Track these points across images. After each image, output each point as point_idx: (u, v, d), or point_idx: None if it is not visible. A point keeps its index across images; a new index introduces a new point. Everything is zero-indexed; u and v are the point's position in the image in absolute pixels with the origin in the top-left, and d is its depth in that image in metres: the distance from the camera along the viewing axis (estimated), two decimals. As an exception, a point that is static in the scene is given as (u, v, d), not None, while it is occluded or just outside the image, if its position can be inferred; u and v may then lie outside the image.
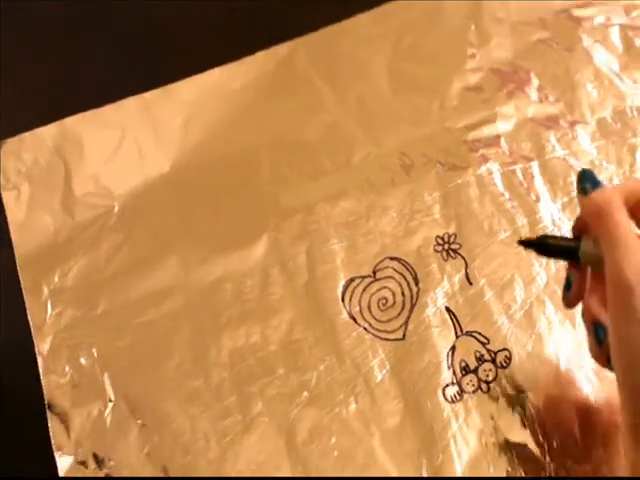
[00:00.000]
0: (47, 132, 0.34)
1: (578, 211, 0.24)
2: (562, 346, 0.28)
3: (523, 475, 0.25)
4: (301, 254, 0.30)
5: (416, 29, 0.37)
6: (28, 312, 0.29)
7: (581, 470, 0.25)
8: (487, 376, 0.27)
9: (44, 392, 0.28)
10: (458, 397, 0.27)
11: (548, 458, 0.26)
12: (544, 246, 0.24)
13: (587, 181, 0.23)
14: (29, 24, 0.38)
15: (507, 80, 0.35)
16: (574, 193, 0.32)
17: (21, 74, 0.37)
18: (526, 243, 0.24)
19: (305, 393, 0.27)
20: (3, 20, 0.38)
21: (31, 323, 0.29)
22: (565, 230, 0.31)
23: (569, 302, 0.24)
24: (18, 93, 0.36)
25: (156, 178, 0.33)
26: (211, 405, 0.27)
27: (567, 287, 0.24)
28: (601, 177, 0.32)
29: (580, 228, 0.24)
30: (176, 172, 0.33)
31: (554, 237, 0.25)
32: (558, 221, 0.31)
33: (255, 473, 0.26)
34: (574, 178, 0.32)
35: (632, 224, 0.22)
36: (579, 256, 0.23)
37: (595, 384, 0.27)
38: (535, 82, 0.35)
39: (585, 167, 0.24)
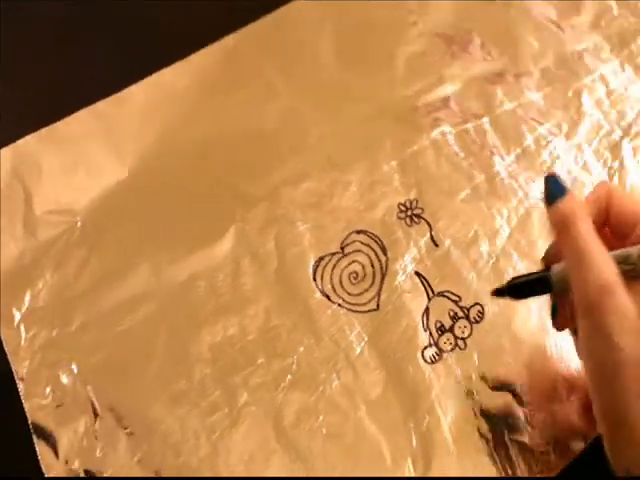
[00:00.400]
0: (2, 156, 0.33)
1: (531, 162, 0.24)
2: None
3: (509, 421, 0.26)
4: (269, 241, 0.30)
5: (355, 4, 0.37)
6: (3, 340, 0.29)
7: (561, 410, 0.26)
8: (463, 333, 0.28)
9: (28, 417, 0.27)
10: (437, 357, 0.27)
11: (529, 405, 0.26)
12: (515, 288, 0.24)
13: (552, 187, 0.22)
14: (29, 24, 0.38)
15: (450, 42, 0.35)
16: (526, 143, 0.32)
17: (21, 74, 0.36)
18: (498, 292, 0.24)
19: (288, 377, 0.27)
20: (3, 20, 0.38)
21: (7, 350, 0.29)
22: (522, 180, 0.31)
23: (558, 327, 0.24)
24: (18, 93, 0.35)
25: (116, 187, 0.32)
26: (197, 403, 0.27)
27: (553, 314, 0.24)
28: (551, 123, 0.33)
29: (550, 258, 0.24)
30: (135, 178, 0.32)
31: (521, 276, 0.24)
32: (513, 172, 0.32)
33: (247, 464, 0.26)
34: (525, 129, 0.33)
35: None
36: (552, 285, 0.22)
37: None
38: (477, 41, 0.35)
39: (549, 173, 0.23)
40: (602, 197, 0.23)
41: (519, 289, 0.24)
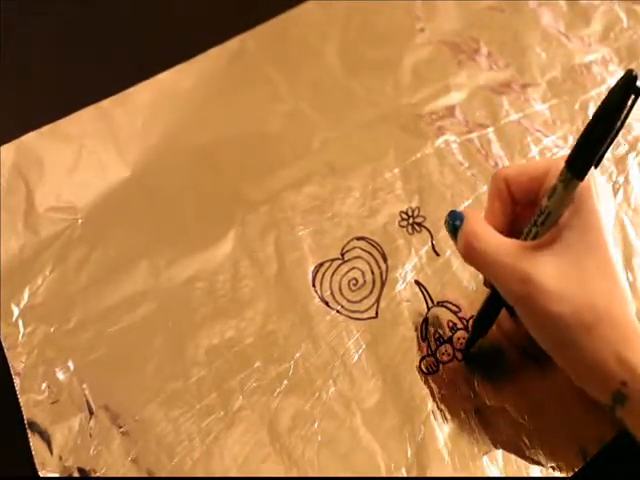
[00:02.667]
0: (5, 152, 0.33)
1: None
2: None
3: (504, 438, 0.26)
4: (269, 245, 0.30)
5: (362, 10, 0.37)
6: (1, 336, 0.29)
7: (554, 430, 0.26)
8: (461, 344, 0.27)
9: (23, 412, 0.27)
10: (434, 368, 0.27)
11: (527, 418, 0.26)
12: (477, 326, 0.26)
13: (452, 222, 0.24)
14: (30, 24, 0.38)
15: (457, 51, 0.35)
16: (531, 155, 0.32)
17: (21, 74, 0.36)
18: (466, 354, 0.27)
19: (285, 382, 0.27)
20: (4, 20, 0.38)
21: (4, 345, 0.29)
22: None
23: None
24: (19, 93, 0.36)
25: (118, 185, 0.32)
26: (193, 405, 0.27)
27: (512, 313, 0.25)
28: (556, 135, 0.33)
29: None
30: (138, 177, 0.32)
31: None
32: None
33: (241, 467, 0.26)
34: (530, 140, 0.33)
35: (497, 237, 0.22)
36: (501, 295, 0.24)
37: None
38: (484, 50, 0.35)
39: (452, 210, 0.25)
40: (502, 187, 0.24)
41: (480, 323, 0.26)
